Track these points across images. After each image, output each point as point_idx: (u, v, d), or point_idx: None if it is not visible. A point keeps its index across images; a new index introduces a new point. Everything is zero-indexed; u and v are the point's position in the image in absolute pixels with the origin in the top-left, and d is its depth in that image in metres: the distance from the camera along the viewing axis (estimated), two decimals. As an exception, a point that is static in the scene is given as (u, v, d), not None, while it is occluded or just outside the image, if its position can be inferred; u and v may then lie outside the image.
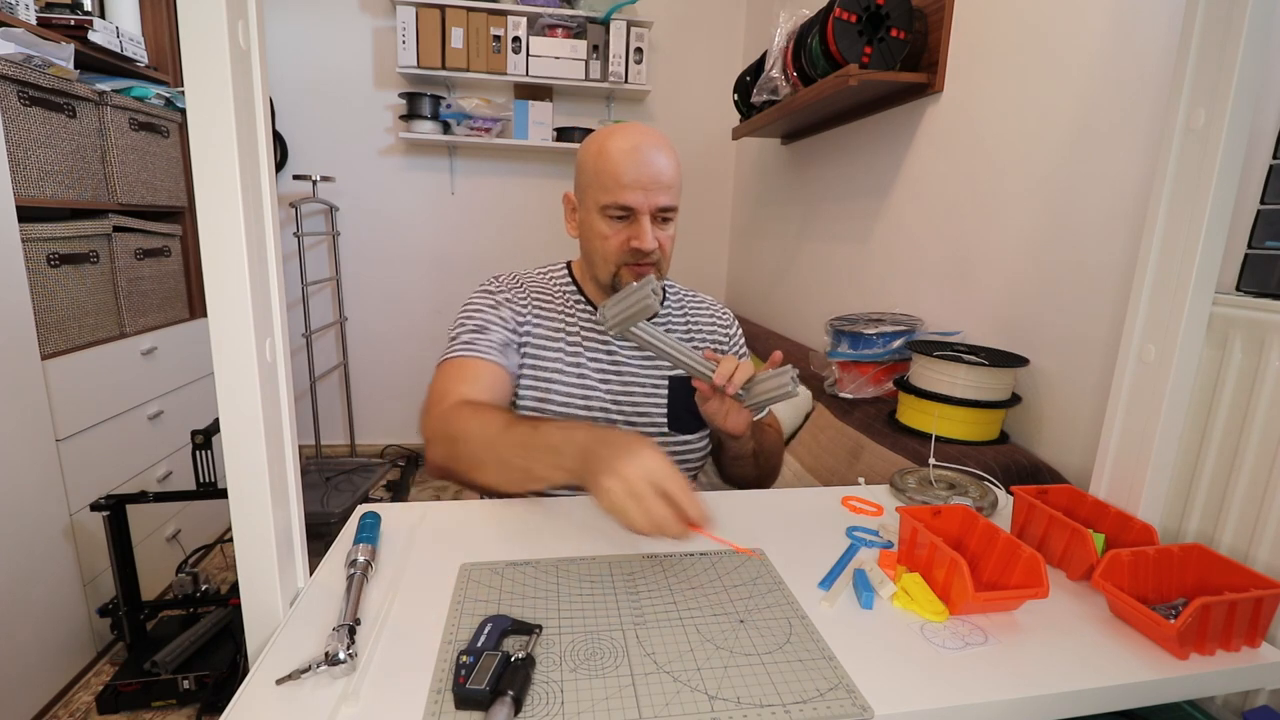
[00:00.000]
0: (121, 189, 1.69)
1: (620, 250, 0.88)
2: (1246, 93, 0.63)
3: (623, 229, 0.87)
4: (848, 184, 1.78)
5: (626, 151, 0.85)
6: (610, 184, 0.85)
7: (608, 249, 0.88)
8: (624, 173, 0.85)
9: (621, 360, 0.95)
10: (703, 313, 1.05)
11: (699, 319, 1.04)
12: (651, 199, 0.86)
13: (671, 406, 0.96)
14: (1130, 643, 0.56)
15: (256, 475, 0.52)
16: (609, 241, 0.88)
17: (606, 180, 0.85)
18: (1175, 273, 0.69)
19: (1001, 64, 1.18)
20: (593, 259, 0.91)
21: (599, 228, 0.88)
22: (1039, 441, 1.08)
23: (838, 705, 0.46)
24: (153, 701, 1.39)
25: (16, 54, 1.35)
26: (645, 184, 0.85)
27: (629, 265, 0.88)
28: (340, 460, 2.65)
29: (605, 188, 0.86)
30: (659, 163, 0.86)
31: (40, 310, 1.39)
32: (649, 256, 0.88)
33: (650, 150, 0.86)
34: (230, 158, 0.47)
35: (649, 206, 0.86)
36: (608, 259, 0.89)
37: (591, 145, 0.89)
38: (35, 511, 1.36)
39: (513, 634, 0.53)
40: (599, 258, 0.90)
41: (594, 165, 0.87)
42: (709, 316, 1.05)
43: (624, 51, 2.45)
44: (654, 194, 0.86)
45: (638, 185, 0.85)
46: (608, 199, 0.86)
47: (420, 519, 0.73)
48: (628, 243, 0.87)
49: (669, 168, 0.87)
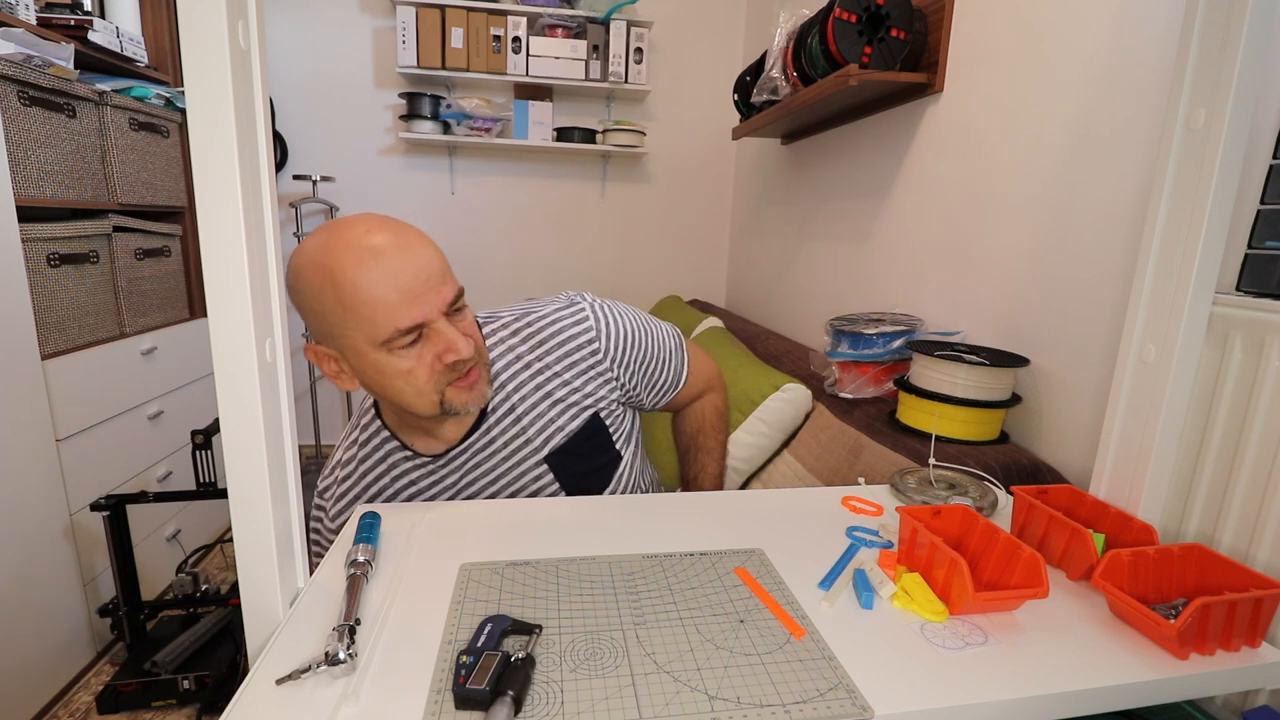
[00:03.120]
0: (121, 189, 1.69)
1: (433, 376, 0.71)
2: (1246, 93, 0.63)
3: (423, 351, 0.70)
4: (848, 184, 1.78)
5: (368, 268, 0.66)
6: (376, 315, 0.66)
7: (418, 384, 0.70)
8: (387, 292, 0.66)
9: (484, 475, 0.82)
10: (550, 340, 0.84)
11: (551, 361, 0.84)
12: (436, 301, 0.69)
13: (566, 484, 0.84)
14: (1130, 643, 0.56)
15: (256, 475, 0.52)
16: (415, 375, 0.70)
17: (367, 312, 0.66)
18: (1175, 273, 0.69)
19: (1002, 64, 1.18)
20: (401, 400, 0.72)
21: (391, 366, 0.69)
22: (1039, 441, 1.08)
23: (838, 705, 0.46)
24: (153, 701, 1.39)
25: (16, 54, 1.35)
26: (419, 289, 0.67)
27: (452, 384, 0.72)
28: (340, 460, 2.65)
29: (372, 321, 0.67)
30: (413, 256, 0.68)
31: (40, 310, 1.39)
32: (470, 362, 0.73)
33: (394, 251, 0.67)
34: (230, 158, 0.47)
35: (438, 310, 0.69)
36: (423, 393, 0.71)
37: (314, 280, 0.67)
38: (35, 511, 1.36)
39: (513, 634, 0.53)
40: (410, 397, 0.71)
41: (335, 304, 0.66)
42: (563, 346, 0.84)
43: (624, 51, 2.45)
44: (436, 293, 0.69)
45: (411, 297, 0.67)
46: (384, 333, 0.67)
47: (420, 519, 0.73)
48: (439, 361, 0.70)
49: (428, 253, 0.70)
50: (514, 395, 0.82)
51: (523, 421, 0.82)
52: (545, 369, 0.83)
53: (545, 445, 0.83)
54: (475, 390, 0.75)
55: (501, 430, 0.82)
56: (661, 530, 0.72)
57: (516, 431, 0.82)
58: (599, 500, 0.84)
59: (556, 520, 0.74)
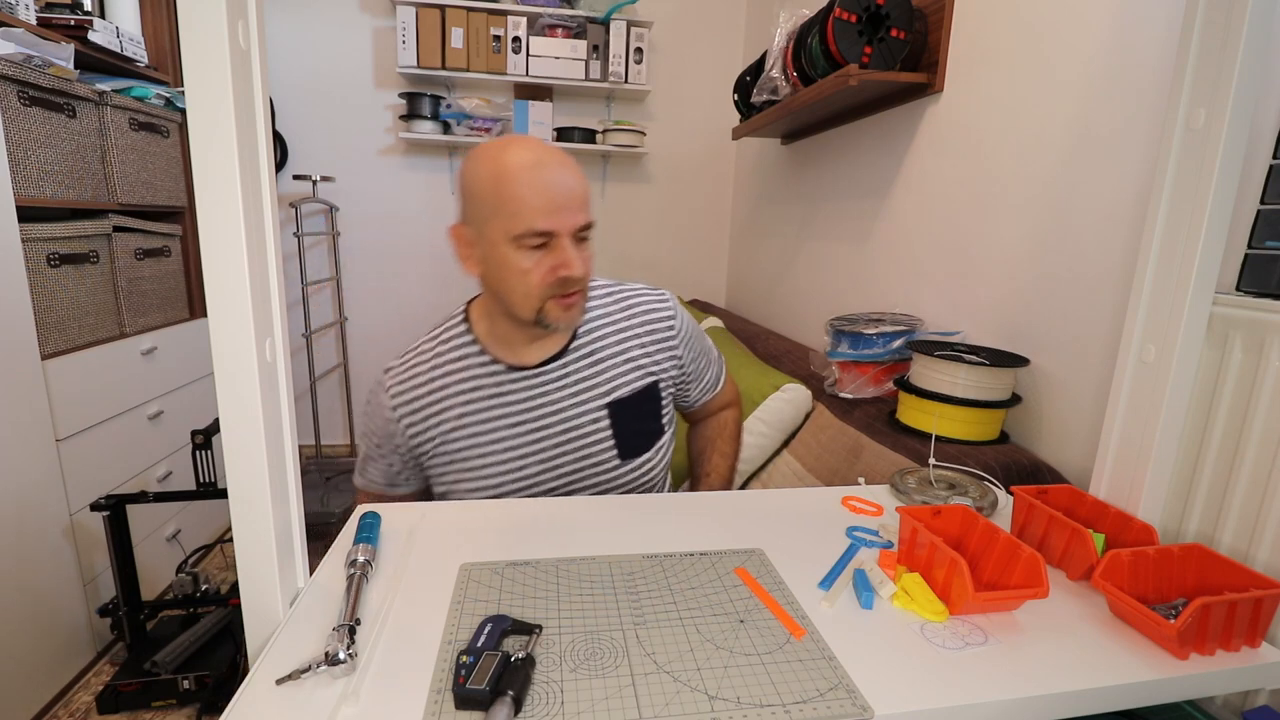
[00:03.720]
0: (121, 189, 1.69)
1: (545, 283, 0.77)
2: (1246, 93, 0.63)
3: (543, 258, 0.77)
4: (848, 184, 1.78)
5: (530, 169, 0.75)
6: (521, 209, 0.74)
7: (529, 284, 0.77)
8: (535, 194, 0.74)
9: (550, 409, 0.87)
10: (636, 316, 0.93)
11: (634, 327, 0.93)
12: (570, 219, 0.76)
13: (618, 435, 0.89)
14: (1130, 643, 0.56)
15: (256, 475, 0.52)
16: (530, 275, 0.77)
17: (515, 205, 0.75)
18: (1175, 273, 0.69)
19: (1001, 64, 1.18)
20: (509, 297, 0.80)
21: (514, 261, 0.77)
22: (1039, 441, 1.08)
23: (838, 705, 0.46)
24: (153, 701, 1.39)
25: (16, 54, 1.35)
26: (561, 203, 0.75)
27: (555, 297, 0.79)
28: (340, 460, 2.66)
29: (515, 214, 0.75)
30: (569, 178, 0.77)
31: (40, 310, 1.39)
32: (578, 284, 0.80)
33: (556, 166, 0.77)
34: (230, 158, 0.47)
35: (569, 228, 0.77)
36: (530, 295, 0.78)
37: (484, 167, 0.77)
38: (35, 511, 1.36)
39: (513, 634, 0.53)
40: (518, 295, 0.79)
41: (494, 190, 0.76)
42: (645, 318, 0.94)
43: (624, 51, 2.45)
44: (572, 213, 0.77)
45: (553, 206, 0.75)
46: (521, 227, 0.75)
47: (420, 519, 0.73)
48: (553, 273, 0.77)
49: (579, 181, 0.78)
50: (596, 343, 0.91)
51: (596, 367, 0.90)
52: (626, 329, 0.92)
53: (610, 394, 0.90)
54: (571, 312, 0.81)
55: (577, 369, 0.89)
56: (661, 530, 0.72)
57: (589, 374, 0.89)
58: (599, 500, 0.84)
59: (556, 520, 0.74)
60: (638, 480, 0.92)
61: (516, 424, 0.87)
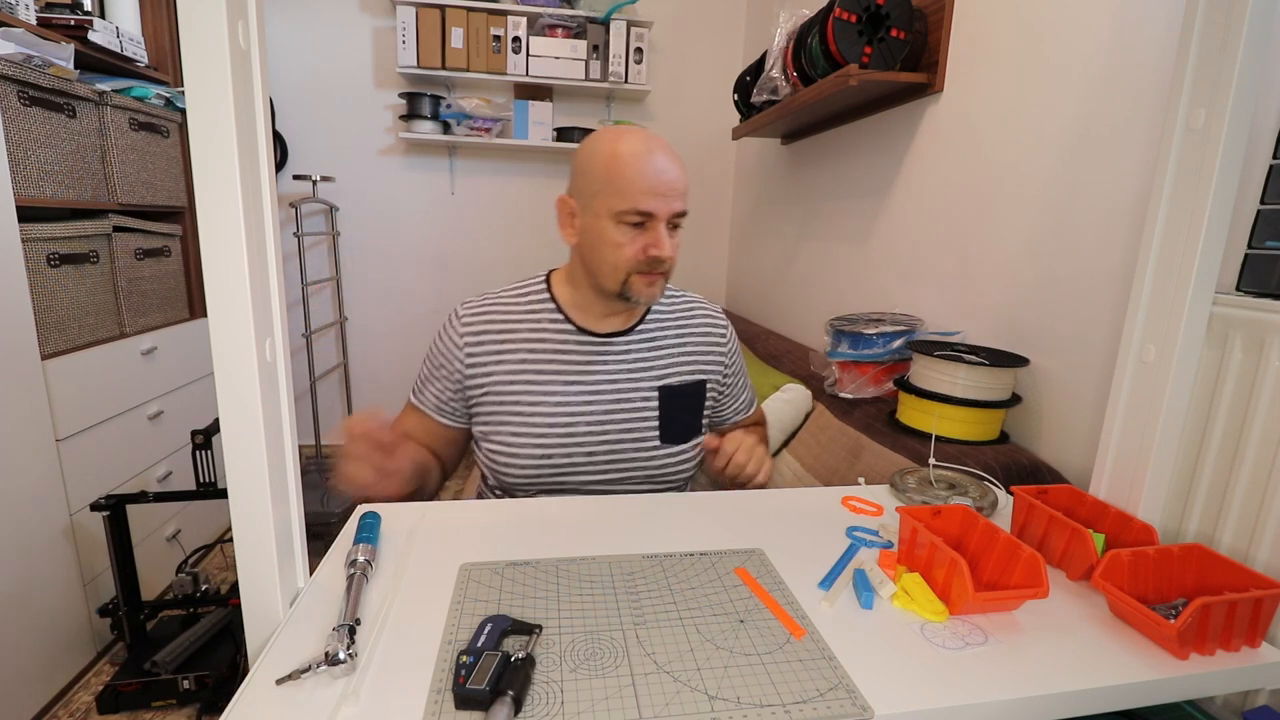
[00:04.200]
0: (121, 189, 1.69)
1: (634, 259, 0.85)
2: (1246, 93, 0.63)
3: (638, 236, 0.85)
4: (848, 184, 1.78)
5: (642, 156, 0.83)
6: (627, 189, 0.83)
7: (620, 257, 0.85)
8: (641, 178, 0.82)
9: (606, 377, 0.93)
10: (696, 319, 1.02)
11: (692, 327, 1.01)
12: (669, 205, 0.84)
13: (663, 418, 0.95)
14: (1130, 643, 0.56)
15: (256, 475, 0.52)
16: (623, 250, 0.85)
17: (622, 185, 0.83)
18: (1175, 273, 0.69)
19: (1001, 64, 1.18)
20: (599, 267, 0.88)
21: (611, 235, 0.85)
22: (1039, 441, 1.08)
23: (838, 705, 0.46)
24: (153, 701, 1.39)
25: (16, 54, 1.35)
26: (663, 190, 0.83)
27: (641, 273, 0.86)
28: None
29: (621, 193, 0.83)
30: (674, 169, 0.85)
31: (40, 310, 1.39)
32: (664, 265, 0.87)
33: (664, 156, 0.85)
34: (230, 158, 0.47)
35: (666, 213, 0.84)
36: (619, 267, 0.86)
37: (600, 148, 0.86)
38: (35, 511, 1.36)
39: (513, 634, 0.53)
40: (608, 266, 0.87)
41: (605, 169, 0.84)
42: (703, 323, 1.02)
43: (624, 51, 2.45)
44: (671, 200, 0.84)
45: (656, 191, 0.83)
46: (624, 205, 0.83)
47: (420, 519, 0.73)
48: (644, 251, 0.85)
49: (682, 174, 0.86)
50: (658, 331, 0.99)
51: (655, 351, 0.97)
52: (685, 328, 1.01)
53: (662, 378, 0.96)
54: (652, 289, 0.88)
55: (638, 348, 0.96)
56: (661, 530, 0.73)
57: (648, 356, 0.97)
58: (599, 500, 0.84)
59: (556, 520, 0.74)
60: (670, 469, 0.96)
61: (573, 382, 0.92)
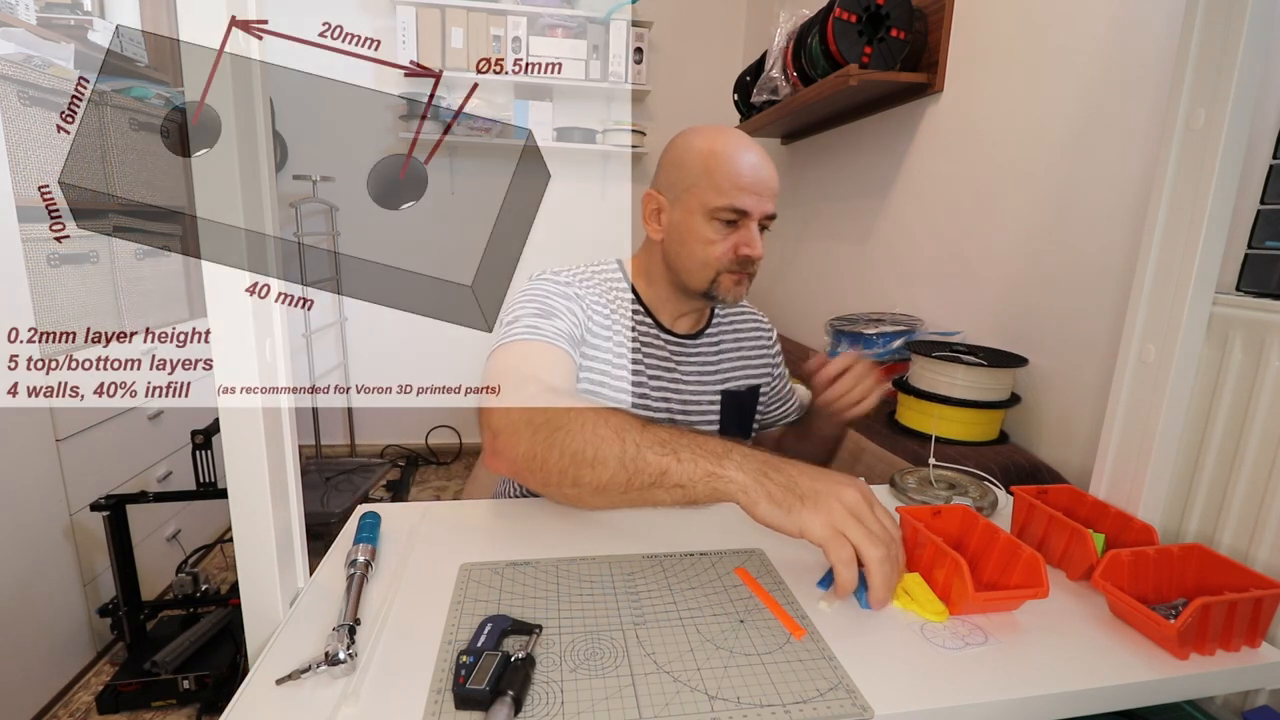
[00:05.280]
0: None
1: (725, 257, 0.83)
2: (1246, 93, 0.63)
3: (730, 235, 0.83)
4: (848, 184, 1.78)
5: (741, 153, 0.82)
6: (726, 186, 0.81)
7: (710, 254, 0.83)
8: (739, 175, 0.81)
9: (682, 378, 0.93)
10: (747, 324, 1.03)
11: (744, 332, 1.02)
12: (763, 205, 0.83)
13: (724, 423, 0.95)
14: (1130, 643, 0.56)
15: (256, 475, 0.52)
16: (714, 247, 0.83)
17: (721, 182, 0.81)
18: (1175, 273, 0.69)
19: (1002, 64, 1.18)
20: (687, 263, 0.86)
21: (702, 231, 0.83)
22: (1039, 441, 1.08)
23: (838, 705, 0.46)
24: (153, 701, 1.39)
25: (16, 54, 1.35)
26: (759, 189, 0.82)
27: (731, 273, 0.85)
28: (340, 460, 2.65)
29: (719, 190, 0.81)
30: (769, 169, 0.84)
31: (40, 310, 1.39)
32: (753, 265, 0.85)
33: (760, 156, 0.84)
34: (230, 158, 0.47)
35: (760, 212, 0.83)
36: (708, 264, 0.84)
37: (697, 144, 0.84)
38: (35, 511, 1.36)
39: (513, 634, 0.53)
40: (696, 263, 0.85)
41: (703, 165, 0.82)
42: (753, 327, 1.03)
43: (624, 51, 2.45)
44: (765, 200, 0.83)
45: (753, 189, 0.81)
46: (721, 201, 0.81)
47: (420, 519, 0.73)
48: (735, 249, 0.83)
49: (775, 175, 0.85)
50: (721, 336, 0.99)
51: (719, 356, 0.98)
52: (741, 333, 1.02)
53: (724, 382, 0.97)
54: (739, 288, 0.87)
55: (705, 353, 0.96)
56: (661, 530, 0.72)
57: (713, 360, 0.97)
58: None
59: (556, 520, 0.74)
60: None
61: (655, 378, 0.91)
